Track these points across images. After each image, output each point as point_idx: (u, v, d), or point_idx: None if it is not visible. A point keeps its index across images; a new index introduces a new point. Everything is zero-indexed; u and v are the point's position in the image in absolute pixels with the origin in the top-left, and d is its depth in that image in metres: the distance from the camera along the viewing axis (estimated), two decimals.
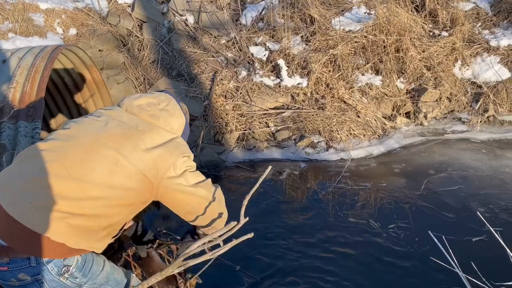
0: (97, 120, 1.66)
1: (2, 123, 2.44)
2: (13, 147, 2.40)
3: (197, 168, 1.81)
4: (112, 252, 1.97)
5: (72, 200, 1.47)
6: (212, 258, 2.00)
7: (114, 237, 1.71)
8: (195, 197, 1.72)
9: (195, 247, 1.94)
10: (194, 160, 1.82)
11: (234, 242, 1.95)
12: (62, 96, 4.00)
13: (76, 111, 4.20)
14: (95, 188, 1.49)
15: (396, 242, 3.27)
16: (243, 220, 1.84)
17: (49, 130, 4.13)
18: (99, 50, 4.78)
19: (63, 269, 1.52)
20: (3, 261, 1.47)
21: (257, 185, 1.83)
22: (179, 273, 2.20)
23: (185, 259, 1.92)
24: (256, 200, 3.60)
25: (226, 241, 1.96)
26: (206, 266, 2.18)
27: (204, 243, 1.94)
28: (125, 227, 2.00)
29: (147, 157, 1.57)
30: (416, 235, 3.35)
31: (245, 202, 1.83)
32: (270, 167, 1.86)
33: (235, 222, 1.93)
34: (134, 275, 1.92)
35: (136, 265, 2.20)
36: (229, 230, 1.89)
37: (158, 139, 1.64)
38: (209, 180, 1.81)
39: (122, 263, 2.18)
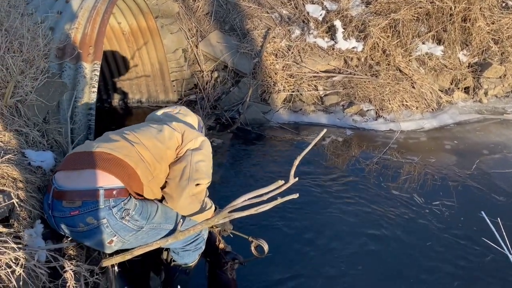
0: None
1: (63, 62, 2.51)
2: (73, 86, 2.48)
3: (241, 125, 1.97)
4: None
5: (134, 140, 1.87)
6: (256, 213, 2.03)
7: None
8: (181, 169, 1.93)
9: (240, 201, 1.97)
10: (240, 118, 1.89)
11: (279, 200, 1.96)
12: (117, 40, 4.06)
13: (130, 57, 4.27)
14: (146, 139, 1.89)
15: (440, 220, 3.19)
16: (292, 180, 1.83)
17: (102, 73, 4.23)
18: None
19: (123, 212, 1.69)
20: (75, 206, 1.65)
21: (310, 147, 1.80)
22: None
23: (230, 212, 1.97)
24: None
25: (271, 199, 1.98)
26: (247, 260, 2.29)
27: (250, 198, 1.96)
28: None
29: (178, 127, 2.04)
30: (462, 215, 3.24)
31: (296, 163, 1.81)
32: (325, 129, 1.82)
33: (283, 181, 1.93)
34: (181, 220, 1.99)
35: None
36: (277, 188, 1.90)
37: (185, 124, 2.12)
38: (207, 179, 1.97)
39: None
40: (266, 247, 2.17)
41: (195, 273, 2.26)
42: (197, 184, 1.92)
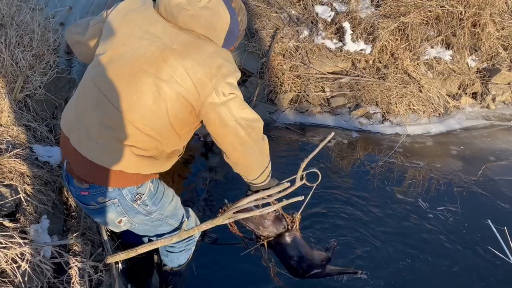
0: (131, 36, 1.54)
1: (72, 58, 2.53)
2: None
3: None
4: None
5: (130, 136, 1.51)
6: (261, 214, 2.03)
7: (179, 155, 1.78)
8: (235, 136, 1.59)
9: (245, 202, 1.97)
10: None
11: (285, 202, 1.97)
12: None
13: None
14: (145, 122, 1.50)
15: (444, 225, 3.18)
16: (298, 183, 1.83)
17: None
18: None
19: (136, 196, 1.64)
20: (84, 187, 1.61)
21: (317, 150, 1.79)
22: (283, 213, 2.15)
23: (235, 212, 1.97)
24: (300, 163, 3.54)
25: (277, 201, 1.98)
26: (306, 203, 2.04)
27: (255, 199, 1.97)
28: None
29: (185, 81, 1.47)
30: (466, 221, 3.23)
31: (303, 165, 1.81)
32: (333, 133, 1.82)
33: (288, 184, 1.94)
34: (191, 214, 2.01)
35: None
36: (282, 191, 1.90)
37: (197, 57, 1.49)
38: (261, 122, 1.67)
39: None
40: (318, 172, 1.97)
41: (190, 274, 2.27)
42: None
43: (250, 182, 1.90)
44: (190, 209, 2.06)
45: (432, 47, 4.83)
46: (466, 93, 4.78)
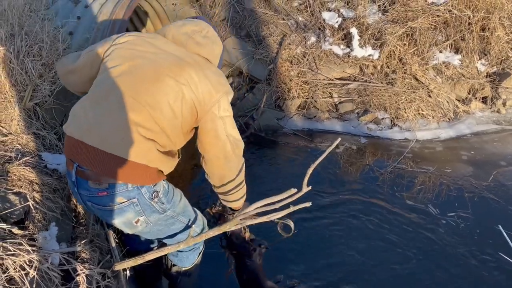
0: (148, 51, 1.75)
1: None
2: None
3: (255, 131, 1.95)
4: None
5: (153, 132, 1.66)
6: (268, 221, 2.02)
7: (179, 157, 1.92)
8: (222, 148, 1.82)
9: (252, 208, 1.97)
10: (254, 123, 1.93)
11: (291, 208, 1.96)
12: None
13: None
14: (165, 120, 1.67)
15: (455, 231, 3.13)
16: (305, 189, 1.82)
17: None
18: (173, 4, 4.80)
19: (153, 194, 1.72)
20: (102, 187, 1.64)
21: (324, 155, 1.79)
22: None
23: (242, 219, 1.97)
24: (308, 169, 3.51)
25: (283, 207, 1.97)
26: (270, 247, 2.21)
27: (262, 206, 1.96)
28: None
29: (198, 89, 1.71)
30: (477, 227, 3.18)
31: (310, 171, 1.81)
32: (339, 139, 1.82)
33: (295, 189, 1.93)
34: (198, 214, 2.04)
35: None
36: (289, 196, 1.89)
37: (206, 72, 1.77)
38: (243, 143, 1.93)
39: None
40: (292, 225, 2.11)
41: (199, 275, 2.27)
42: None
43: (221, 193, 2.02)
44: (196, 209, 2.08)
45: (440, 52, 4.81)
46: (476, 98, 4.73)
